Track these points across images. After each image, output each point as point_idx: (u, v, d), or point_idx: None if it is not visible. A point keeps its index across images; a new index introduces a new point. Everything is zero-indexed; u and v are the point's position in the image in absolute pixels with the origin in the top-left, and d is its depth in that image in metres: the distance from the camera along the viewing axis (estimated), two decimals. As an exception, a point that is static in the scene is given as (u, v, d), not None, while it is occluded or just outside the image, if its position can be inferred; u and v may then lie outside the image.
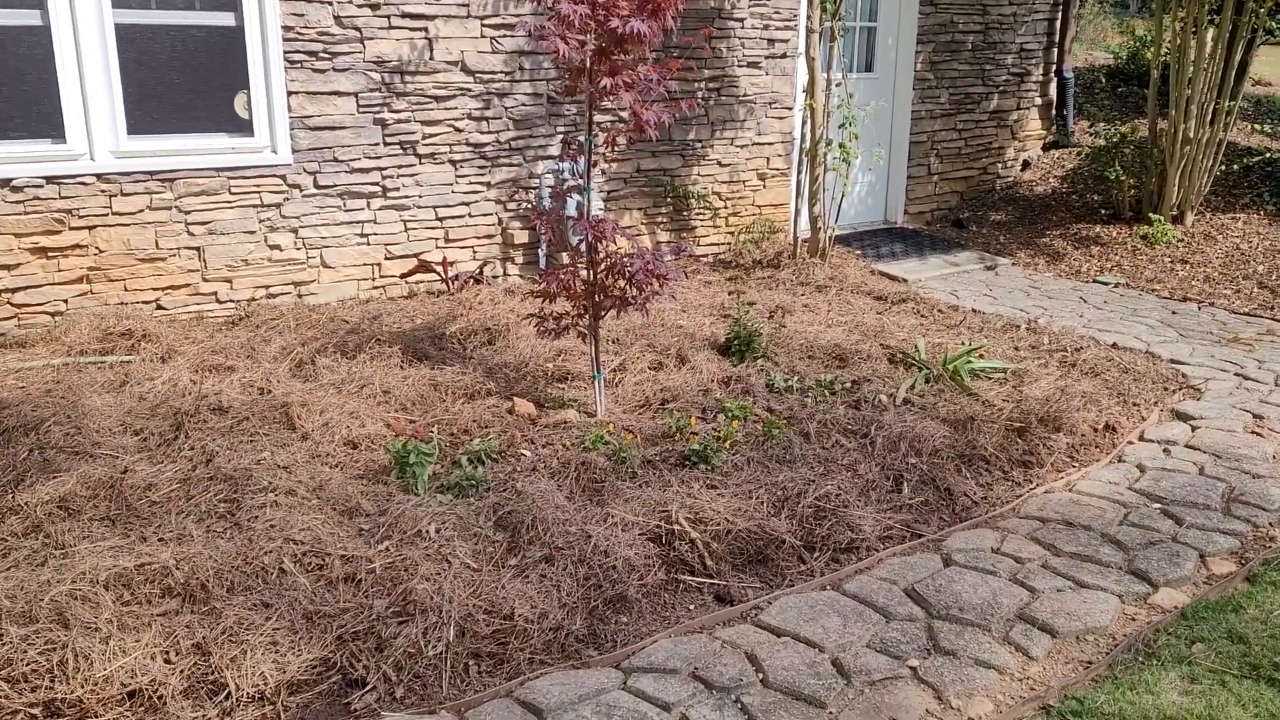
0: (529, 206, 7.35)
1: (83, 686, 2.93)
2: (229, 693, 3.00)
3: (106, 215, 5.98)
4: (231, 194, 6.31)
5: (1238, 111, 8.79)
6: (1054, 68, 10.31)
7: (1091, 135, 10.15)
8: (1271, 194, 9.02)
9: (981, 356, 5.75)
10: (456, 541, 3.71)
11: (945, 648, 3.34)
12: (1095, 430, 5.00)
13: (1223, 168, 8.90)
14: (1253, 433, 5.07)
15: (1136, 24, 12.01)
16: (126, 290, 6.13)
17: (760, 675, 3.22)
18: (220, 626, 3.17)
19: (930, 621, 3.50)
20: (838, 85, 7.83)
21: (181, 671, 3.04)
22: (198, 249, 6.29)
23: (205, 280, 6.35)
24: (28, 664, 2.97)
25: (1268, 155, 9.31)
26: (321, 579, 3.47)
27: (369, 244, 6.86)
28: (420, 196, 6.97)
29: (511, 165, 7.25)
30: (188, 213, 6.20)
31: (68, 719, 2.93)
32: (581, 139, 4.73)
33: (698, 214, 8.22)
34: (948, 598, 3.62)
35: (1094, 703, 3.00)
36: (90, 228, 5.96)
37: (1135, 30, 12.31)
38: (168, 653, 3.08)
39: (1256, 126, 10.20)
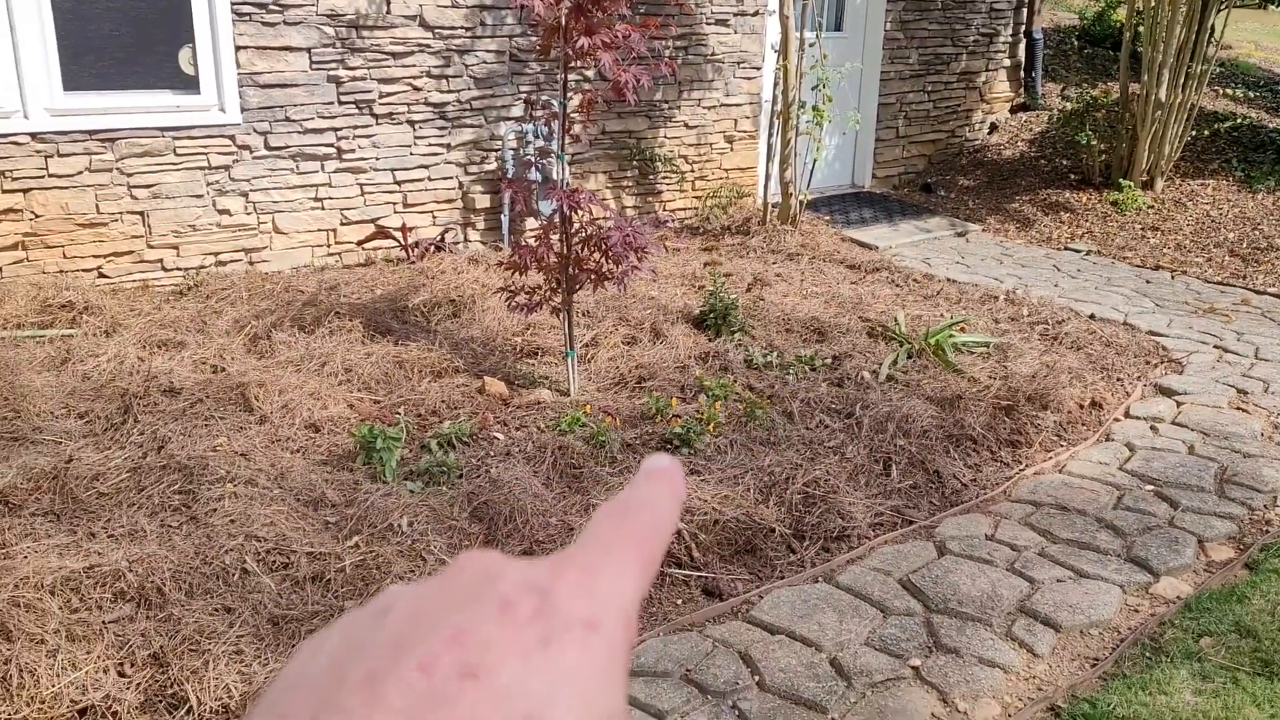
0: (491, 170, 7.06)
1: (29, 705, 2.69)
2: (190, 707, 2.78)
3: (43, 177, 5.60)
4: (177, 155, 5.95)
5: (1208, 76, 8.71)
6: (1023, 28, 10.15)
7: (1061, 99, 10.04)
8: (1240, 160, 8.98)
9: (963, 330, 5.61)
10: (430, 535, 3.49)
11: (947, 645, 3.21)
12: (1082, 407, 4.90)
13: (1193, 133, 8.83)
14: (1238, 409, 5.00)
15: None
16: (65, 258, 5.76)
17: (756, 678, 3.07)
18: (179, 635, 2.93)
19: (929, 616, 3.36)
20: (811, 45, 7.60)
21: (138, 685, 2.81)
22: (141, 214, 5.93)
23: (150, 247, 6.00)
24: (-34, 682, 2.72)
25: (1237, 120, 9.26)
26: (287, 579, 3.24)
27: (324, 209, 6.53)
28: (377, 159, 6.65)
29: (473, 126, 6.94)
30: (130, 175, 5.83)
31: (12, 741, 2.69)
32: (549, 99, 4.47)
33: (664, 178, 7.97)
34: (945, 589, 3.49)
35: (1106, 705, 2.88)
36: (25, 190, 5.58)
37: (1101, -9, 12.18)
38: (122, 665, 2.85)
39: (1226, 91, 10.15)
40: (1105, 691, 2.97)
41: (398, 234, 6.62)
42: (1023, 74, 10.35)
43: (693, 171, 8.14)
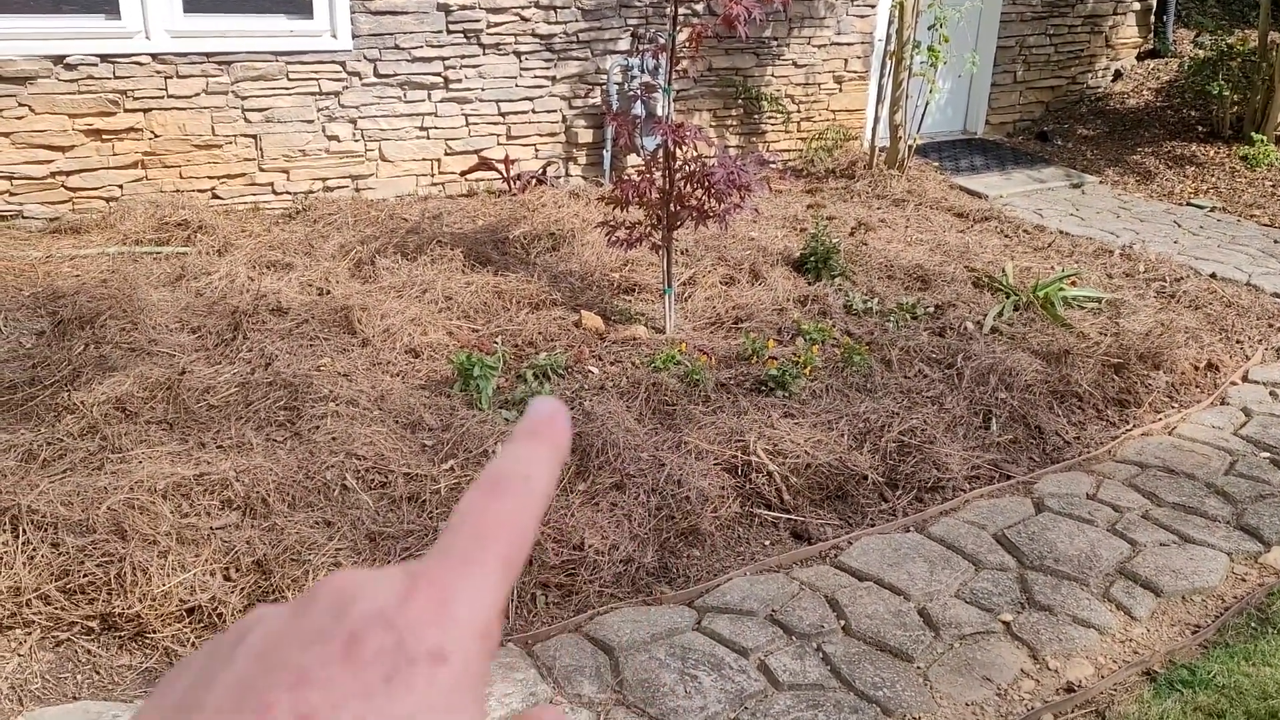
0: (595, 104, 7.01)
1: (140, 601, 2.83)
2: (290, 614, 2.88)
3: (162, 98, 5.76)
4: (289, 80, 6.05)
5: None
6: (1157, -30, 9.61)
7: (1193, 45, 9.50)
8: (1386, 117, 8.40)
9: (1074, 284, 5.41)
10: (523, 463, 3.53)
11: (1040, 602, 3.14)
12: (1197, 369, 4.69)
13: (1335, 86, 8.27)
14: (1367, 379, 4.73)
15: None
16: (182, 178, 5.93)
17: (842, 622, 3.05)
18: (282, 544, 3.04)
19: (1023, 572, 3.29)
20: (929, -18, 7.31)
21: (242, 590, 2.92)
22: (254, 137, 6.06)
23: (262, 170, 6.14)
24: (85, 576, 2.86)
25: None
26: (384, 498, 3.33)
27: (429, 138, 6.59)
28: (483, 89, 6.66)
29: (579, 59, 6.89)
30: (244, 98, 5.96)
31: (125, 634, 2.83)
32: (656, 33, 4.39)
33: (769, 118, 7.82)
34: (1041, 546, 3.41)
35: (1206, 673, 2.79)
36: (145, 110, 5.74)
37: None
38: (228, 569, 2.97)
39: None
40: (1205, 659, 2.88)
41: (500, 166, 6.65)
42: (1153, 18, 9.81)
43: (799, 112, 7.96)
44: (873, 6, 7.97)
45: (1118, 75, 9.81)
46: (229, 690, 0.32)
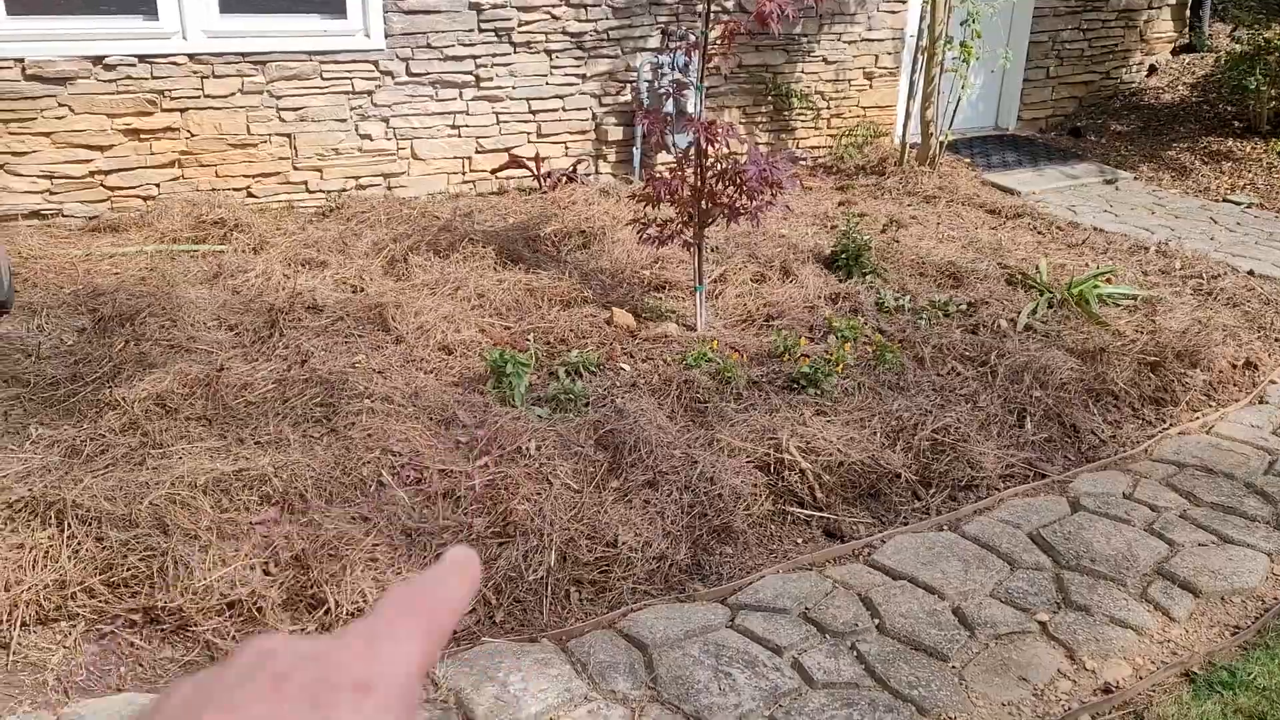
0: (626, 102, 7.02)
1: (183, 595, 2.87)
2: (328, 608, 2.92)
3: (198, 97, 5.82)
4: (323, 79, 6.10)
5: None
6: (1193, -37, 9.49)
7: (1230, 40, 9.38)
8: None
9: (1109, 281, 5.37)
10: (557, 460, 3.55)
11: (1077, 602, 3.12)
12: (1234, 367, 4.64)
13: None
14: None
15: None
16: (218, 176, 6.00)
17: (876, 621, 3.05)
18: (319, 540, 3.07)
19: (1059, 572, 3.28)
20: (962, -23, 7.26)
21: (281, 584, 2.96)
22: (289, 136, 6.12)
23: (296, 169, 6.19)
24: (128, 569, 2.91)
25: None
26: (420, 494, 3.35)
27: (460, 136, 6.62)
28: (513, 88, 6.68)
29: (609, 57, 6.90)
30: (279, 98, 6.01)
31: (167, 627, 2.88)
32: (686, 30, 4.39)
33: (799, 114, 7.80)
34: (1077, 546, 3.39)
35: (1246, 675, 2.77)
36: (182, 110, 5.81)
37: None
38: (267, 564, 3.00)
39: None
40: (1246, 661, 2.85)
41: (531, 163, 6.67)
42: (1188, 12, 9.69)
43: (829, 108, 7.94)
44: (904, 2, 7.93)
45: (1152, 70, 9.71)
46: None
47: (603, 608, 3.10)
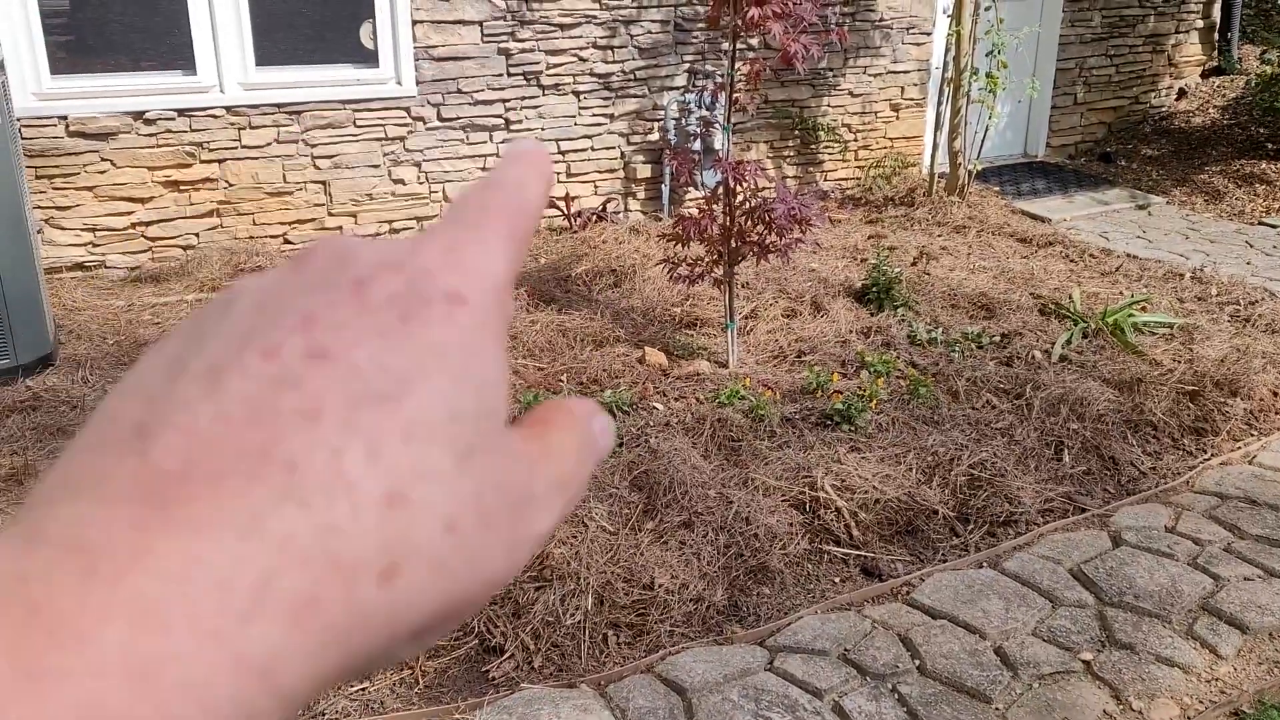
0: (654, 140, 7.08)
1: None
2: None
3: (235, 148, 5.95)
4: (356, 126, 6.21)
5: None
6: (1220, -14, 9.46)
7: (1260, 62, 9.32)
8: None
9: (1144, 309, 5.33)
10: (592, 501, 3.57)
11: (1121, 640, 3.08)
12: (1276, 395, 4.58)
13: None
14: None
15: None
16: (255, 224, 6.12)
17: (917, 662, 3.02)
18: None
19: (1102, 609, 3.24)
20: (986, 9, 7.29)
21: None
22: (324, 183, 6.23)
23: (330, 215, 6.30)
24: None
25: None
26: (457, 538, 3.37)
27: (491, 178, 6.70)
28: (543, 129, 6.77)
29: (636, 96, 6.98)
30: (314, 146, 6.13)
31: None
32: (712, 69, 4.44)
33: (826, 147, 7.83)
34: (1120, 582, 3.34)
35: (1297, 714, 2.72)
36: (220, 161, 5.94)
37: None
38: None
39: None
40: (1296, 700, 2.80)
41: (561, 203, 6.74)
42: (1217, 35, 9.66)
43: (856, 141, 7.96)
44: (928, 34, 7.96)
45: (1182, 94, 9.66)
46: (228, 341, 0.28)
47: (640, 651, 3.10)
